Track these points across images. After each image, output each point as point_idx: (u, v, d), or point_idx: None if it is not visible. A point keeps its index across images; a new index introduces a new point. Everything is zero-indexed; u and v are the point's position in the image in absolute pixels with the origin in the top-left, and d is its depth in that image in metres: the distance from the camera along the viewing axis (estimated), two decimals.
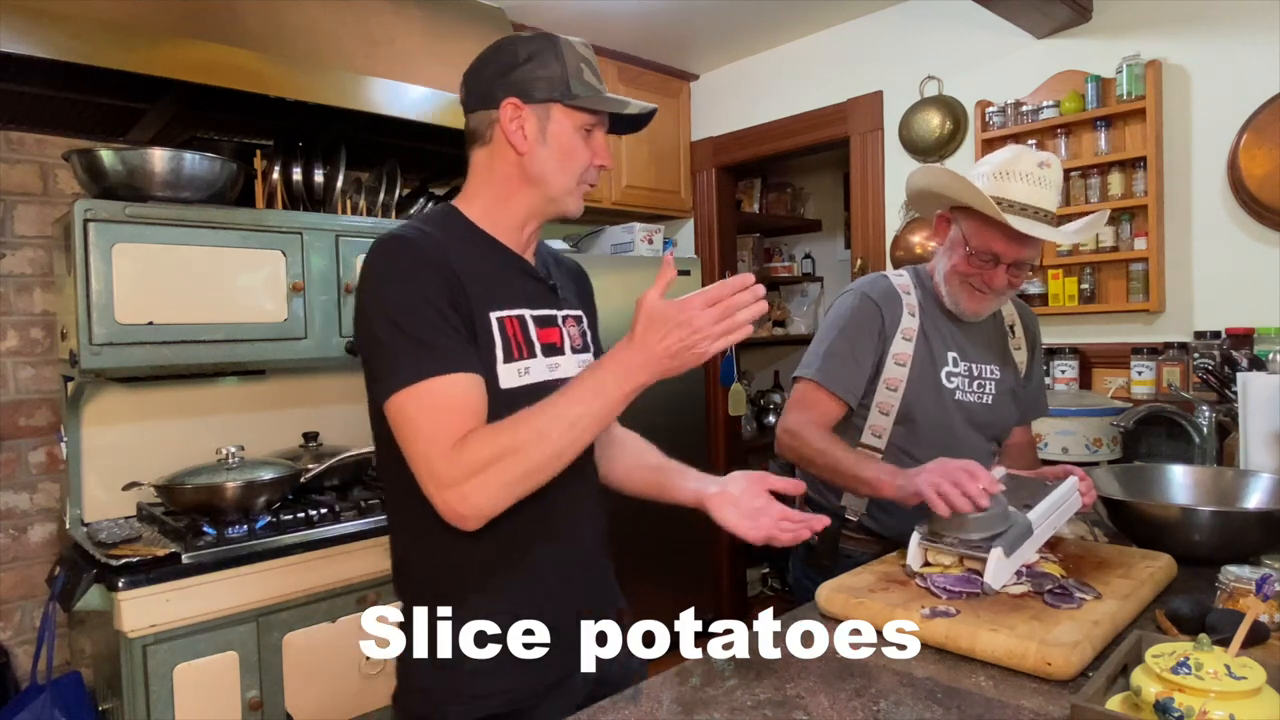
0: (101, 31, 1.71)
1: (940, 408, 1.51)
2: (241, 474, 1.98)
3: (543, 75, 1.05)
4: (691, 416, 3.48)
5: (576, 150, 1.08)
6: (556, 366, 1.10)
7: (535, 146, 1.06)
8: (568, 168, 1.08)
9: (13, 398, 2.21)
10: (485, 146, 1.10)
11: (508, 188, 1.10)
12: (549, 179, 1.08)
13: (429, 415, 0.95)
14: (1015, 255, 1.42)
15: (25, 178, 2.23)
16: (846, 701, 0.90)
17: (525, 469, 0.94)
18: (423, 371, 0.95)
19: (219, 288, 2.02)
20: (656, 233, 3.46)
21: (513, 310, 1.07)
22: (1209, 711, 0.71)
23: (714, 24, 3.17)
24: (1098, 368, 2.55)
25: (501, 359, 1.04)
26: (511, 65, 1.06)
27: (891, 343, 1.50)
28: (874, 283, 1.58)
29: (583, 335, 1.19)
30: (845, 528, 1.57)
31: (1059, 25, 2.57)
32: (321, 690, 1.97)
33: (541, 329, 1.11)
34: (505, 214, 1.11)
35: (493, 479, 0.93)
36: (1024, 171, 1.39)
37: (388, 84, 2.14)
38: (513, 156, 1.07)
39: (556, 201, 1.10)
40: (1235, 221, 2.30)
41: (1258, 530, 1.29)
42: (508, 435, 0.94)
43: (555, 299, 1.15)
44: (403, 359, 0.96)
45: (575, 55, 1.07)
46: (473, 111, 1.11)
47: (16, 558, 2.21)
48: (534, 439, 0.94)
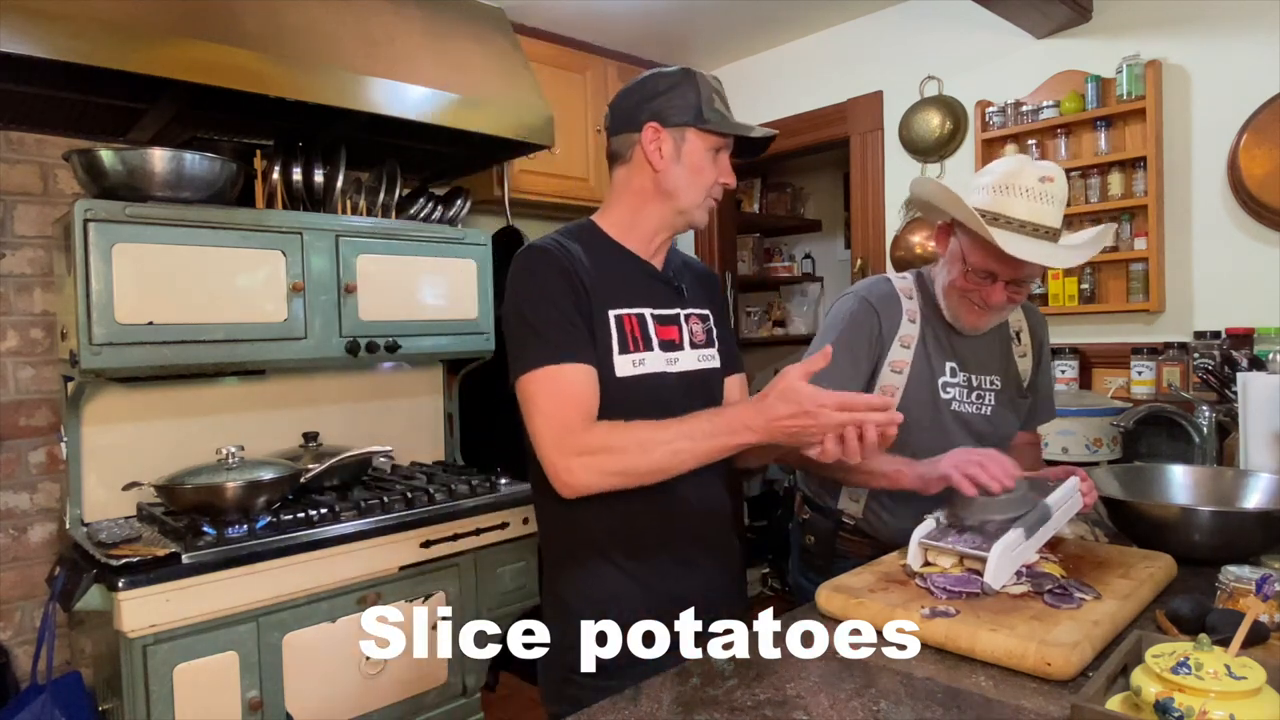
0: (101, 31, 1.71)
1: (934, 419, 1.49)
2: (241, 474, 1.98)
3: (680, 103, 1.20)
4: None
5: (706, 169, 1.22)
6: (675, 360, 1.25)
7: (670, 165, 1.21)
8: (698, 184, 1.22)
9: (13, 398, 2.21)
10: (625, 165, 1.25)
11: (642, 200, 1.24)
12: (680, 193, 1.22)
13: (546, 396, 1.13)
14: (1012, 274, 1.39)
15: (25, 178, 2.23)
16: (846, 701, 0.90)
17: (624, 468, 1.10)
18: (542, 359, 1.13)
19: (219, 288, 2.02)
20: None
21: (633, 309, 1.22)
22: (1209, 711, 0.71)
23: (714, 24, 3.17)
24: (1098, 368, 2.56)
25: (617, 350, 1.18)
26: (654, 94, 1.21)
27: (889, 349, 1.48)
28: (874, 286, 1.55)
29: (707, 332, 1.32)
30: (842, 530, 1.57)
31: (1059, 25, 2.57)
32: (321, 690, 1.97)
33: (661, 326, 1.25)
34: (638, 224, 1.26)
35: (594, 464, 1.10)
36: (1025, 186, 1.36)
37: (388, 84, 2.14)
38: (650, 173, 1.22)
39: (686, 214, 1.24)
40: (1235, 221, 2.30)
41: (1258, 530, 1.28)
42: (620, 436, 1.10)
43: (680, 299, 1.30)
44: (528, 349, 1.15)
45: (708, 86, 1.22)
46: (616, 134, 1.25)
47: (16, 558, 2.21)
48: (638, 449, 1.09)
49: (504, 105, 2.38)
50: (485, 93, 2.36)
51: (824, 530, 1.58)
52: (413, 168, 2.73)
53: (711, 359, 1.32)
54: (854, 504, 1.55)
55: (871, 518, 1.54)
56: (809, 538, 1.61)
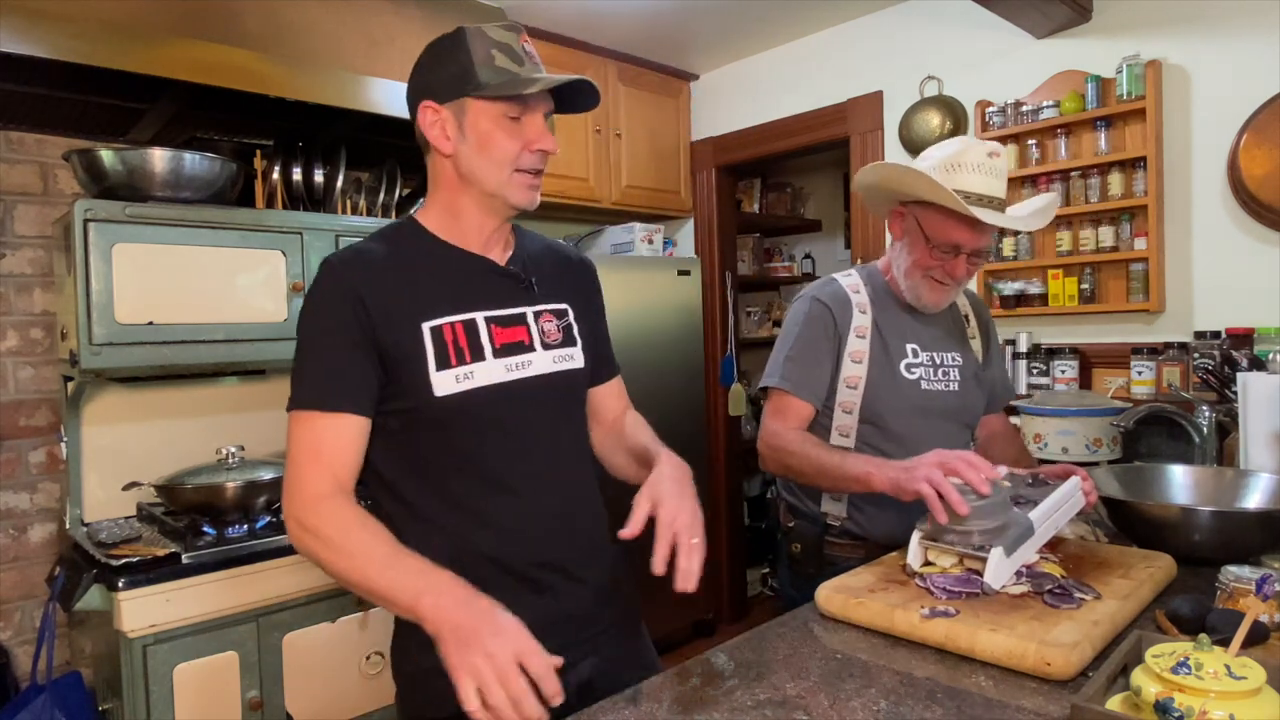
0: (101, 31, 1.72)
1: (904, 400, 1.51)
2: (241, 474, 1.98)
3: (449, 72, 1.05)
4: (691, 416, 3.48)
5: (501, 140, 1.05)
6: (526, 364, 1.11)
7: (458, 145, 1.06)
8: (494, 159, 1.06)
9: (13, 398, 2.21)
10: (429, 154, 1.12)
11: (451, 190, 1.10)
12: (478, 175, 1.07)
13: (297, 443, 1.02)
14: (976, 244, 1.44)
15: (25, 178, 2.23)
16: (846, 701, 0.90)
17: (326, 565, 0.99)
18: (303, 400, 1.03)
19: (219, 288, 2.02)
20: (656, 233, 3.46)
21: (457, 316, 1.07)
22: (1209, 711, 0.71)
23: (714, 24, 3.17)
24: (1098, 368, 2.55)
25: (434, 367, 1.04)
26: (420, 69, 1.09)
27: (846, 341, 1.51)
28: (823, 286, 1.59)
29: (564, 329, 1.17)
30: (829, 533, 1.55)
31: (1059, 25, 2.57)
32: (321, 690, 1.97)
33: (501, 328, 1.10)
34: (458, 217, 1.11)
35: (304, 542, 1.01)
36: (975, 162, 1.40)
37: (388, 84, 2.14)
38: (445, 159, 1.08)
39: (496, 196, 1.08)
40: (1235, 221, 2.30)
41: (1258, 530, 1.28)
42: (339, 540, 0.97)
43: (528, 295, 1.15)
44: (295, 382, 1.04)
45: (485, 42, 1.05)
46: (413, 122, 1.11)
47: (16, 558, 2.21)
48: (346, 563, 0.97)
49: None
50: None
51: (810, 537, 1.56)
52: (413, 168, 2.72)
53: (571, 359, 1.16)
54: (836, 505, 1.54)
55: (858, 516, 1.52)
56: (795, 546, 1.59)
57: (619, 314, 1.36)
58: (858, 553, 1.49)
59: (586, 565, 1.16)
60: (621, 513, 1.01)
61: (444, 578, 0.93)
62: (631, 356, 1.22)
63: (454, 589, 0.91)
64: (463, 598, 0.90)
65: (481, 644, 0.84)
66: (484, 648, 0.83)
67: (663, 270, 3.39)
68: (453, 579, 0.93)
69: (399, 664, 1.11)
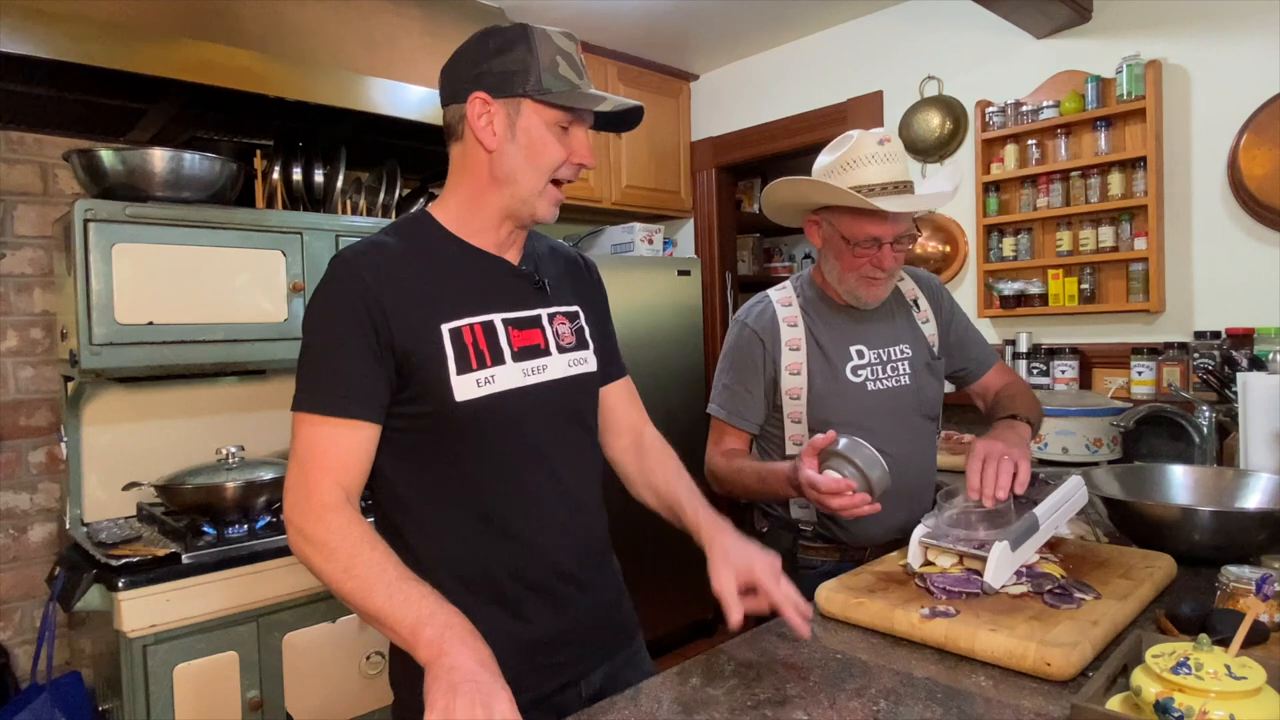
0: (101, 31, 1.71)
1: (851, 403, 1.49)
2: (241, 474, 1.98)
3: (513, 68, 1.01)
4: (691, 416, 3.48)
5: (549, 147, 1.03)
6: (542, 369, 1.08)
7: (504, 143, 1.02)
8: (537, 165, 1.03)
9: (13, 398, 2.21)
10: (459, 143, 1.07)
11: (479, 186, 1.06)
12: (518, 178, 1.04)
13: (304, 444, 0.98)
14: (894, 232, 1.43)
15: (25, 178, 2.23)
16: (846, 701, 0.90)
17: (324, 576, 0.94)
18: (311, 403, 0.98)
19: (219, 288, 2.02)
20: (656, 233, 3.46)
21: (477, 317, 1.04)
22: (1209, 711, 0.71)
23: (714, 24, 3.17)
24: (1098, 368, 2.55)
25: (455, 370, 1.01)
26: (481, 57, 1.02)
27: (780, 359, 1.51)
28: (751, 308, 1.58)
29: (577, 332, 1.15)
30: (801, 538, 1.54)
31: (1059, 25, 2.57)
32: (321, 690, 1.97)
33: (518, 331, 1.07)
34: (478, 214, 1.07)
35: (304, 549, 0.95)
36: (869, 155, 1.40)
37: (388, 84, 2.14)
38: (483, 154, 1.04)
39: (527, 203, 1.06)
40: (1235, 221, 2.30)
41: (1258, 530, 1.28)
42: (345, 559, 0.92)
43: (542, 297, 1.12)
44: (302, 383, 1.00)
45: (551, 47, 1.02)
46: (446, 105, 1.07)
47: (16, 558, 2.21)
48: (350, 584, 0.91)
49: None
50: None
51: (785, 542, 1.55)
52: (413, 168, 2.73)
53: (585, 362, 1.14)
54: (804, 511, 1.53)
55: (827, 521, 1.51)
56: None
57: (619, 314, 1.36)
58: (832, 555, 1.49)
59: (598, 573, 1.15)
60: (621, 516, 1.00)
61: (449, 612, 0.88)
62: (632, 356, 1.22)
63: (458, 625, 0.87)
64: (466, 638, 0.85)
65: (470, 699, 0.78)
66: (471, 704, 0.78)
67: (663, 270, 3.39)
68: (458, 615, 0.88)
69: (398, 686, 1.09)
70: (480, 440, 1.03)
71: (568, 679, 1.09)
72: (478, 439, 1.03)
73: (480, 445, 1.03)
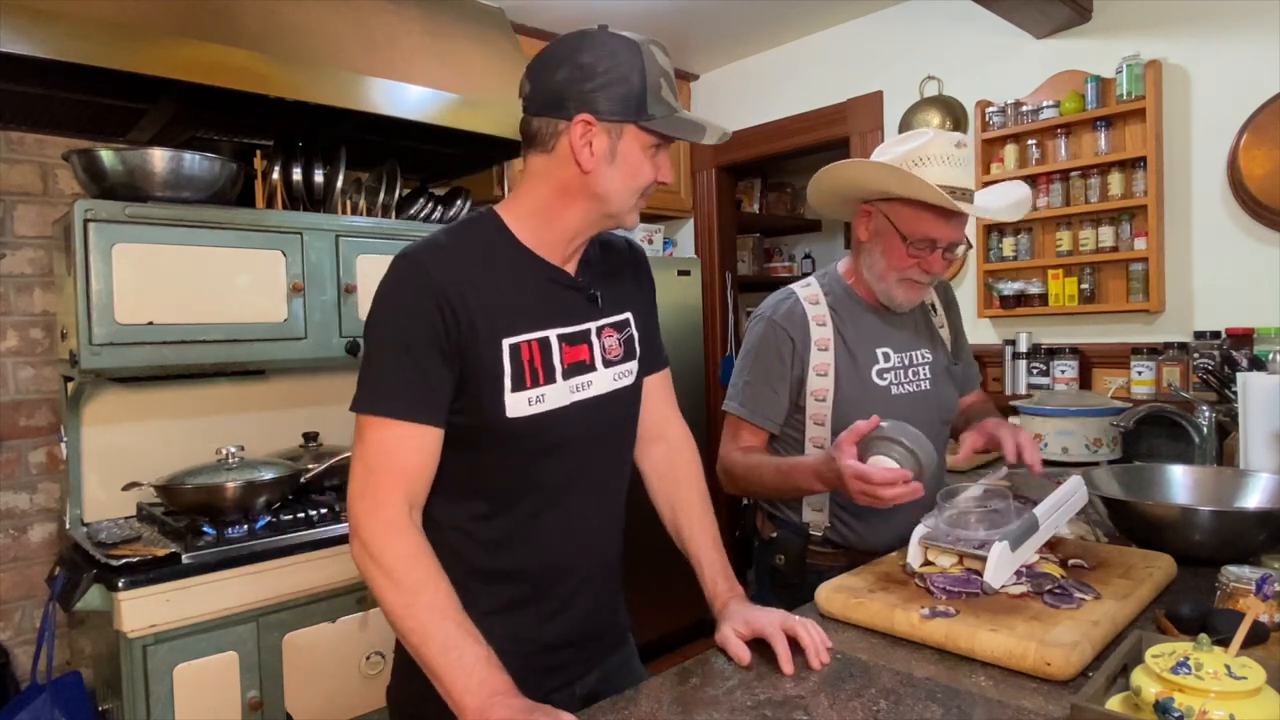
0: (101, 31, 1.71)
1: (878, 408, 1.44)
2: (241, 474, 1.97)
3: (621, 92, 0.98)
4: (691, 416, 3.48)
5: (643, 169, 1.03)
6: (587, 384, 1.07)
7: (602, 165, 1.00)
8: (632, 186, 1.03)
9: (13, 398, 2.21)
10: (545, 154, 1.02)
11: (564, 199, 1.03)
12: (612, 196, 1.02)
13: (373, 448, 0.96)
14: (952, 237, 1.40)
15: (25, 178, 2.23)
16: (846, 701, 0.90)
17: (381, 598, 0.93)
18: (378, 405, 0.96)
19: (219, 288, 2.02)
20: (656, 232, 3.46)
21: (535, 334, 1.02)
22: (1209, 711, 0.71)
23: (714, 24, 3.17)
24: (1098, 368, 2.56)
25: (510, 388, 0.99)
26: (589, 74, 0.98)
27: (809, 359, 1.47)
28: (779, 304, 1.54)
29: (625, 343, 1.13)
30: (811, 543, 1.52)
31: (1059, 25, 2.57)
32: (321, 690, 1.97)
33: (569, 347, 1.06)
34: (554, 226, 1.04)
35: (367, 567, 0.94)
36: (943, 155, 1.36)
37: (388, 84, 2.14)
38: (574, 171, 1.00)
39: (616, 218, 1.05)
40: (1235, 221, 2.30)
41: (1258, 530, 1.28)
42: (410, 592, 0.92)
43: (594, 309, 1.10)
44: (368, 384, 0.98)
45: (657, 70, 1.01)
46: (537, 114, 1.02)
47: (16, 558, 2.21)
48: (409, 621, 0.91)
49: (504, 105, 2.38)
50: (485, 93, 2.36)
51: (795, 548, 1.53)
52: (413, 168, 2.73)
53: (628, 375, 1.13)
54: (817, 514, 1.51)
55: (840, 526, 1.50)
56: (779, 557, 1.55)
57: None
58: (840, 561, 1.46)
59: (609, 577, 1.16)
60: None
61: (495, 681, 0.87)
62: None
63: (512, 700, 0.86)
64: (520, 713, 0.84)
65: None
66: None
67: (663, 270, 3.39)
68: (504, 681, 0.88)
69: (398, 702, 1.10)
70: (520, 452, 1.02)
71: (563, 681, 1.09)
72: (517, 451, 1.02)
73: (519, 457, 1.03)
